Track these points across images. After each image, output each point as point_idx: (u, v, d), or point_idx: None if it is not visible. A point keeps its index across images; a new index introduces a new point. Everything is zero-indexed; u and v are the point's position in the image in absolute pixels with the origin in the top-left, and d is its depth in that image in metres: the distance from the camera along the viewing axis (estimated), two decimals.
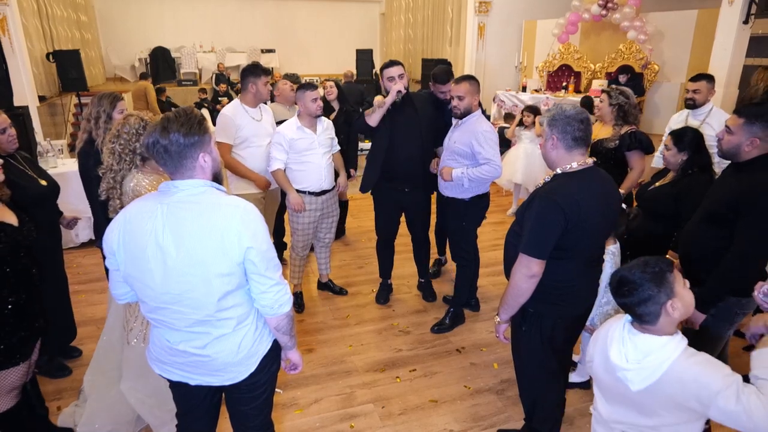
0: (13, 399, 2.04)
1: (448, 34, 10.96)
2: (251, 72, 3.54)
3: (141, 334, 2.34)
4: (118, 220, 1.59)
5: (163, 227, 1.50)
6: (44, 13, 9.19)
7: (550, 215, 1.90)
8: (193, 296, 1.53)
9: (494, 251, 4.72)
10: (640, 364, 1.49)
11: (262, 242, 1.57)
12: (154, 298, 1.57)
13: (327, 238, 3.85)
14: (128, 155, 2.26)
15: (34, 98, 7.26)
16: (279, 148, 3.40)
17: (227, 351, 1.64)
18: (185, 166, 1.53)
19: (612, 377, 1.59)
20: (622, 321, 1.62)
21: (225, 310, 1.59)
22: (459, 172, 3.16)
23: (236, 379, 1.70)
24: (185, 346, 1.63)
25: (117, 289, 1.70)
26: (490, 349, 3.36)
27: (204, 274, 1.51)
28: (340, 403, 2.85)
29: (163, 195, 1.55)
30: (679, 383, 1.44)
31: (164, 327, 1.64)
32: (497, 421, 2.73)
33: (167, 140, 1.49)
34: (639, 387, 1.49)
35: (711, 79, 3.69)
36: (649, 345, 1.50)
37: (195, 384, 1.72)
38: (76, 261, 4.60)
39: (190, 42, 13.63)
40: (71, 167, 4.84)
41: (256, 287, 1.61)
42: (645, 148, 3.35)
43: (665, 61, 7.97)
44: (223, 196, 1.58)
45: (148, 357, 1.79)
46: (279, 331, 1.73)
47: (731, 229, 2.14)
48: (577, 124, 1.94)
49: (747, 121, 2.10)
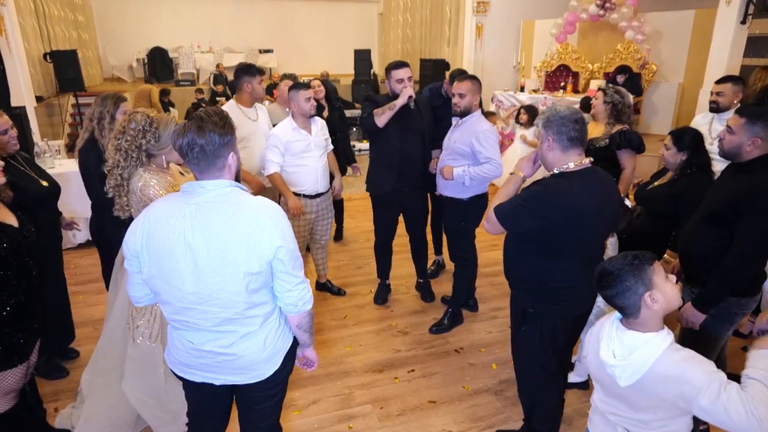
0: (11, 401, 2.03)
1: (446, 34, 10.96)
2: (246, 71, 3.52)
3: (147, 333, 2.33)
4: (141, 222, 1.59)
5: (193, 228, 1.51)
6: (41, 12, 9.17)
7: (541, 203, 1.93)
8: (222, 295, 1.55)
9: (493, 251, 4.71)
10: (626, 360, 1.51)
11: (290, 241, 1.60)
12: (180, 298, 1.57)
13: (323, 239, 3.85)
14: (134, 151, 2.25)
15: (31, 98, 7.22)
16: (275, 151, 3.36)
17: (254, 348, 1.66)
18: (217, 166, 1.55)
19: (603, 373, 1.61)
20: (612, 318, 1.64)
21: (253, 308, 1.61)
22: (460, 171, 3.16)
23: (262, 376, 1.71)
24: (211, 346, 1.64)
25: (136, 292, 1.70)
26: (489, 350, 3.36)
27: (234, 273, 1.53)
28: (339, 404, 2.84)
29: (189, 195, 1.56)
30: (663, 379, 1.45)
31: (187, 329, 1.64)
32: (496, 421, 2.73)
33: (204, 140, 1.50)
34: (626, 383, 1.51)
35: (738, 81, 3.52)
36: (635, 341, 1.52)
37: (220, 384, 1.72)
38: (74, 262, 4.58)
39: (187, 42, 13.60)
40: (69, 167, 4.82)
41: (281, 285, 1.63)
42: (635, 147, 3.29)
43: (663, 61, 7.98)
44: (249, 196, 1.61)
45: (168, 361, 1.79)
46: (301, 328, 1.76)
47: (731, 229, 2.14)
48: (571, 124, 1.94)
49: (748, 121, 2.10)
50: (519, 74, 9.42)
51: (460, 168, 3.17)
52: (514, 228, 2.04)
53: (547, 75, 9.00)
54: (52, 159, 4.86)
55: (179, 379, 1.78)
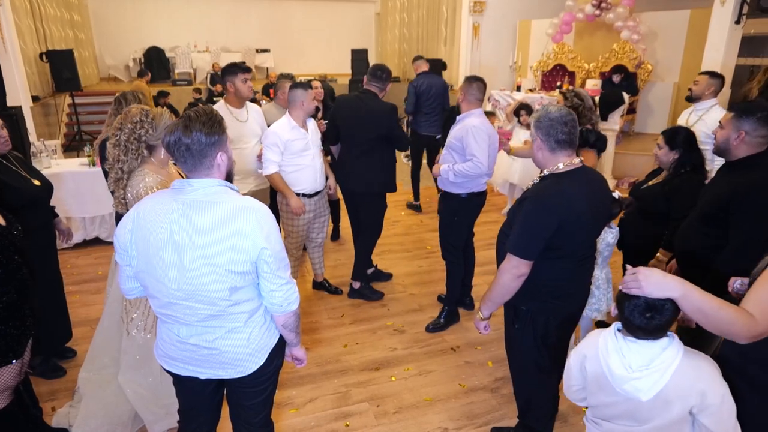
0: (6, 399, 2.04)
1: (442, 33, 10.99)
2: (228, 71, 3.52)
3: (142, 324, 2.35)
4: (130, 217, 1.60)
5: (179, 225, 1.53)
6: (37, 12, 9.15)
7: (539, 217, 1.93)
8: (206, 293, 1.56)
9: (489, 250, 4.73)
10: (649, 369, 1.47)
11: (275, 243, 1.60)
12: (166, 294, 1.59)
13: (319, 238, 3.86)
14: (134, 143, 2.26)
15: (27, 98, 7.21)
16: (274, 150, 3.34)
17: (238, 344, 1.67)
18: (204, 165, 1.57)
19: (615, 393, 1.55)
20: (607, 334, 1.60)
21: (237, 305, 1.62)
22: (446, 167, 3.26)
23: (246, 371, 1.73)
24: (196, 340, 1.66)
25: (127, 284, 1.72)
26: (485, 348, 3.37)
27: (218, 271, 1.54)
28: (335, 402, 2.86)
29: (178, 193, 1.58)
30: (686, 381, 1.46)
31: (174, 322, 1.66)
32: (492, 419, 2.75)
33: (189, 139, 1.52)
34: (649, 395, 1.47)
35: (715, 76, 3.74)
36: (651, 349, 1.49)
37: (205, 378, 1.74)
38: (70, 261, 4.58)
39: (184, 42, 13.58)
40: (65, 167, 4.84)
41: (266, 285, 1.64)
42: (593, 145, 3.12)
43: (658, 60, 8.02)
44: (237, 197, 1.61)
45: (156, 354, 1.80)
46: (286, 328, 1.77)
47: (725, 228, 2.17)
48: (560, 126, 1.95)
49: (736, 116, 2.18)
50: (515, 74, 9.46)
51: (446, 165, 3.26)
52: (535, 254, 1.96)
53: (543, 74, 9.04)
54: (49, 159, 4.85)
55: (167, 372, 1.80)
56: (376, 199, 3.79)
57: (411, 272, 4.47)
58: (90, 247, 4.86)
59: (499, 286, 2.04)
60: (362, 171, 3.65)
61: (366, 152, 3.62)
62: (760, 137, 2.14)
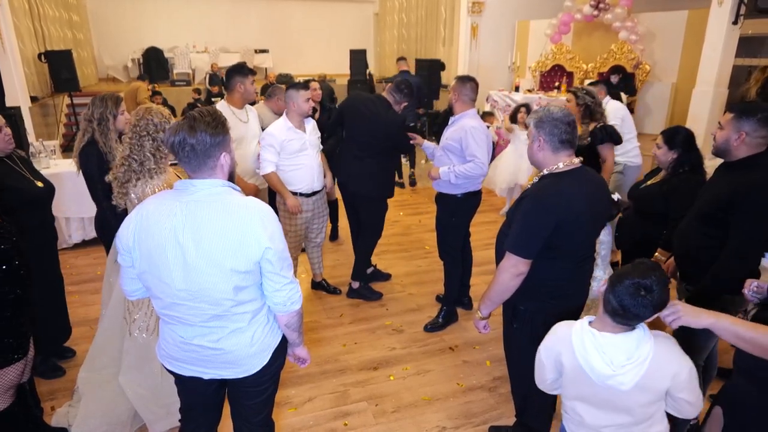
0: (9, 399, 2.05)
1: (441, 34, 11.00)
2: (238, 72, 3.52)
3: (144, 325, 2.35)
4: (133, 218, 1.61)
5: (183, 225, 1.53)
6: (36, 12, 9.15)
7: (538, 216, 1.94)
8: (210, 293, 1.56)
9: (487, 250, 4.73)
10: (630, 362, 1.53)
11: (279, 243, 1.61)
12: (170, 294, 1.59)
13: (318, 238, 3.87)
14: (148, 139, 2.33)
15: (26, 99, 7.21)
16: (271, 150, 3.36)
17: (242, 344, 1.68)
18: (208, 165, 1.57)
19: (596, 388, 1.60)
20: (579, 330, 1.63)
21: (242, 305, 1.63)
22: (446, 169, 3.24)
23: (249, 371, 1.73)
24: (200, 341, 1.66)
25: (129, 286, 1.72)
26: (483, 347, 3.38)
27: (222, 271, 1.54)
28: (334, 402, 2.87)
29: (181, 193, 1.58)
30: (661, 366, 1.54)
31: (178, 323, 1.67)
32: (489, 417, 2.76)
33: (194, 139, 1.52)
34: (629, 385, 1.54)
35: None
36: (627, 342, 1.56)
37: (208, 378, 1.75)
38: (69, 262, 4.58)
39: (183, 42, 13.57)
40: (64, 168, 4.82)
41: (270, 285, 1.65)
42: (615, 140, 3.57)
43: (656, 61, 8.04)
44: (240, 197, 1.62)
45: (158, 355, 1.81)
46: (289, 328, 1.78)
47: (724, 228, 2.17)
48: (564, 126, 1.96)
49: (735, 116, 2.17)
50: (514, 74, 9.47)
51: (446, 167, 3.25)
52: (534, 253, 1.97)
53: (541, 75, 9.05)
54: (48, 159, 4.86)
55: (170, 372, 1.80)
56: (376, 201, 3.80)
57: (410, 272, 4.48)
58: (89, 247, 4.85)
59: (498, 284, 2.06)
60: (362, 174, 3.65)
61: (367, 156, 3.63)
62: (761, 138, 2.14)
